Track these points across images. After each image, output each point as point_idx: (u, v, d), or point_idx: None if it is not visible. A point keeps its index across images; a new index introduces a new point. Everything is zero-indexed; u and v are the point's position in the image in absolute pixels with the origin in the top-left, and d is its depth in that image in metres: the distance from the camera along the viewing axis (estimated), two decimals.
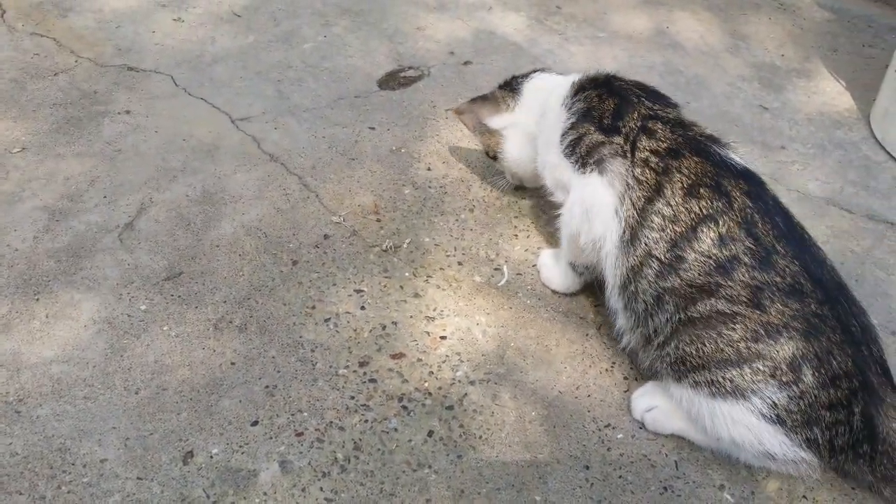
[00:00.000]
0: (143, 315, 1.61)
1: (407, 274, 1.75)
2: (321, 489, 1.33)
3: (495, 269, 1.78)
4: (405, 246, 1.82)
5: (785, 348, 1.30)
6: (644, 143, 1.49)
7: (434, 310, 1.67)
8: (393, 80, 2.41)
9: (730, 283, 1.35)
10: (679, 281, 1.38)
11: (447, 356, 1.57)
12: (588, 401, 1.51)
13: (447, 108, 1.97)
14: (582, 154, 1.55)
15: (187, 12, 2.67)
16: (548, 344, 1.61)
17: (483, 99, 1.88)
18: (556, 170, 1.63)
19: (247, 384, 1.49)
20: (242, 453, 1.38)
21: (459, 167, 2.07)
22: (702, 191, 1.42)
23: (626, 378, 1.56)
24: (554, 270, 1.74)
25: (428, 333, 1.62)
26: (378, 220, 1.89)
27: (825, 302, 1.32)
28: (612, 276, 1.49)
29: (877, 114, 2.32)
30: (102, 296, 1.65)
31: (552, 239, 1.87)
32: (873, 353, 1.33)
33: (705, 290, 1.36)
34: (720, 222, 1.39)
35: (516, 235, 1.88)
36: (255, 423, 1.42)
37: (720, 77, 2.56)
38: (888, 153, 2.23)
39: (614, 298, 1.50)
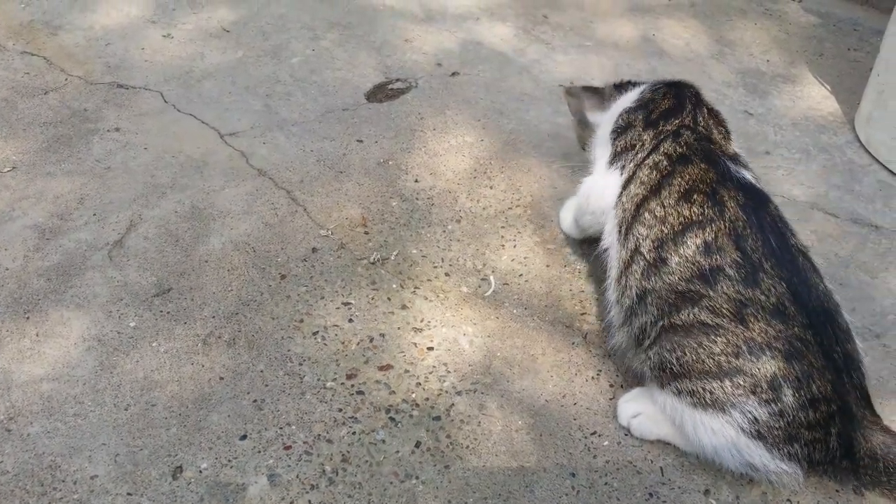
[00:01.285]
0: (132, 332, 1.63)
1: (394, 286, 1.76)
2: (309, 502, 1.34)
3: (482, 280, 1.80)
4: (393, 258, 1.83)
5: (766, 367, 1.30)
6: (666, 146, 1.54)
7: (421, 321, 1.68)
8: (381, 93, 2.43)
9: (713, 293, 1.35)
10: (661, 283, 1.40)
11: (434, 367, 1.59)
12: (574, 409, 1.52)
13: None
14: (619, 148, 1.63)
15: (176, 28, 2.69)
16: (534, 353, 1.63)
17: (594, 90, 1.90)
18: (600, 142, 1.72)
19: (235, 398, 1.50)
20: (231, 467, 1.39)
21: (447, 178, 2.09)
22: (696, 196, 1.44)
23: (611, 385, 1.57)
24: (566, 213, 1.89)
25: (415, 345, 1.63)
26: (366, 233, 1.90)
27: (809, 327, 1.31)
28: (614, 267, 1.54)
29: (861, 117, 2.34)
30: (92, 313, 1.66)
31: (543, 249, 1.88)
32: (853, 380, 1.33)
33: (688, 297, 1.37)
34: (707, 230, 1.39)
35: (503, 246, 1.89)
36: (243, 437, 1.44)
37: (705, 84, 2.58)
38: (872, 156, 2.25)
39: (611, 289, 1.54)
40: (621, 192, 1.58)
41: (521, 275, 1.81)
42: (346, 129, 2.26)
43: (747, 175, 1.50)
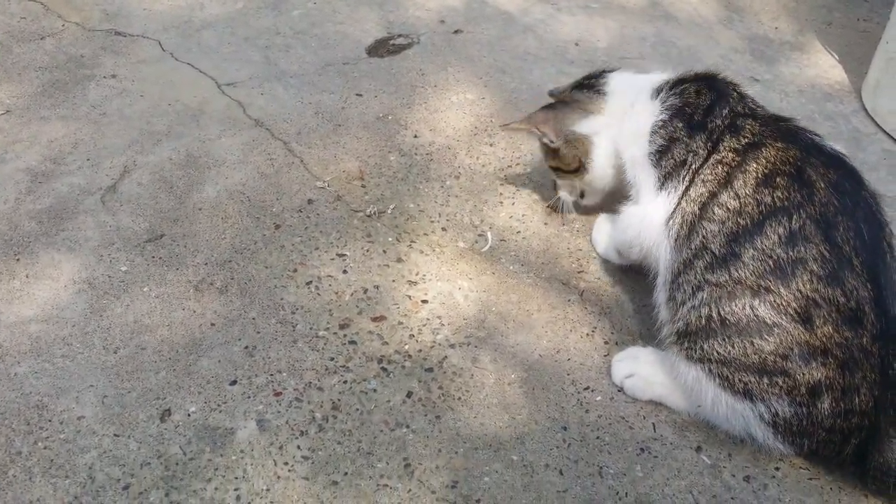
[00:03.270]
0: (123, 276, 1.61)
1: (390, 239, 1.74)
2: (298, 447, 1.33)
3: (479, 236, 1.77)
4: (389, 211, 1.81)
5: (814, 374, 1.22)
6: (726, 142, 1.38)
7: (416, 274, 1.67)
8: (382, 48, 2.39)
9: (783, 290, 1.22)
10: (727, 278, 1.28)
11: (428, 319, 1.57)
12: (568, 364, 1.51)
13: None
14: (667, 171, 1.44)
15: None
16: (529, 309, 1.61)
17: (562, 105, 1.72)
18: (636, 166, 1.52)
19: (226, 345, 1.49)
20: (220, 412, 1.38)
21: (446, 135, 2.06)
22: (778, 180, 1.28)
23: (606, 342, 1.55)
24: (603, 237, 1.72)
25: (409, 297, 1.61)
26: (363, 186, 1.88)
27: (878, 338, 1.21)
28: (666, 271, 1.41)
29: (868, 86, 2.30)
30: (83, 257, 1.64)
31: (541, 207, 1.86)
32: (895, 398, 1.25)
33: (753, 292, 1.25)
34: (794, 217, 1.24)
35: (501, 203, 1.87)
36: (233, 383, 1.42)
37: (712, 49, 2.54)
38: (878, 125, 2.22)
39: (661, 292, 1.42)
40: (676, 207, 1.41)
41: (518, 232, 1.79)
42: (346, 82, 2.22)
43: (837, 147, 1.34)
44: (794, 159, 1.30)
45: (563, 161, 1.72)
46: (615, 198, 1.66)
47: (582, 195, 1.78)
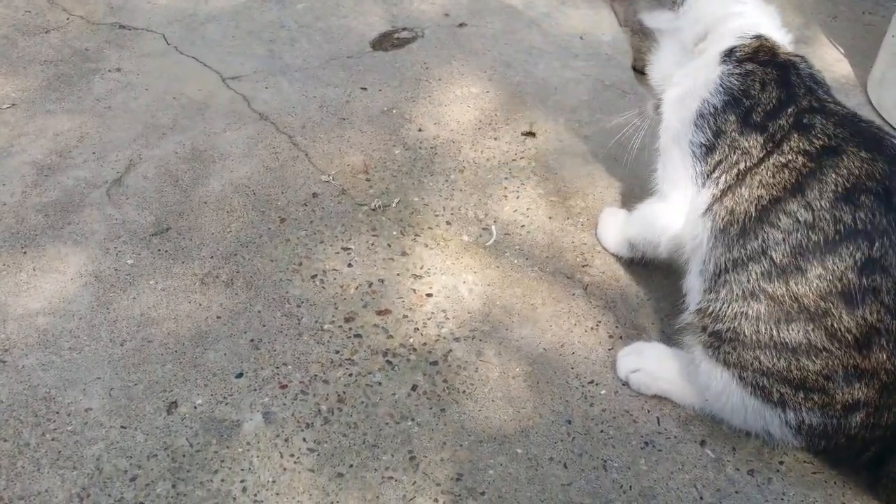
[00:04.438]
0: (129, 269, 1.62)
1: (395, 232, 1.75)
2: (304, 440, 1.34)
3: (483, 229, 1.78)
4: (394, 205, 1.81)
5: (853, 394, 1.19)
6: (793, 142, 1.26)
7: (421, 268, 1.67)
8: (386, 41, 2.39)
9: (846, 317, 1.16)
10: (785, 291, 1.21)
11: (433, 313, 1.58)
12: (572, 358, 1.51)
13: None
14: (712, 167, 1.33)
15: None
16: (534, 302, 1.61)
17: None
18: (672, 146, 1.41)
19: (232, 337, 1.49)
20: (226, 404, 1.38)
21: (451, 128, 2.06)
22: (862, 198, 1.18)
23: (610, 336, 1.56)
24: (611, 232, 1.69)
25: (414, 291, 1.62)
26: (367, 180, 1.88)
27: None
28: (701, 262, 1.34)
29: (873, 80, 2.30)
30: (89, 250, 1.65)
31: (546, 201, 1.86)
32: None
33: (811, 315, 1.19)
34: (876, 244, 1.16)
35: (506, 196, 1.87)
36: (239, 376, 1.43)
37: None
38: (883, 119, 2.22)
39: (697, 280, 1.36)
40: (717, 200, 1.32)
41: (523, 226, 1.79)
42: (350, 76, 2.22)
43: None
44: (882, 175, 1.19)
45: (632, 54, 1.56)
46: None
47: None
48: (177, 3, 2.48)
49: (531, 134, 2.06)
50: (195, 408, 1.38)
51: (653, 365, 1.46)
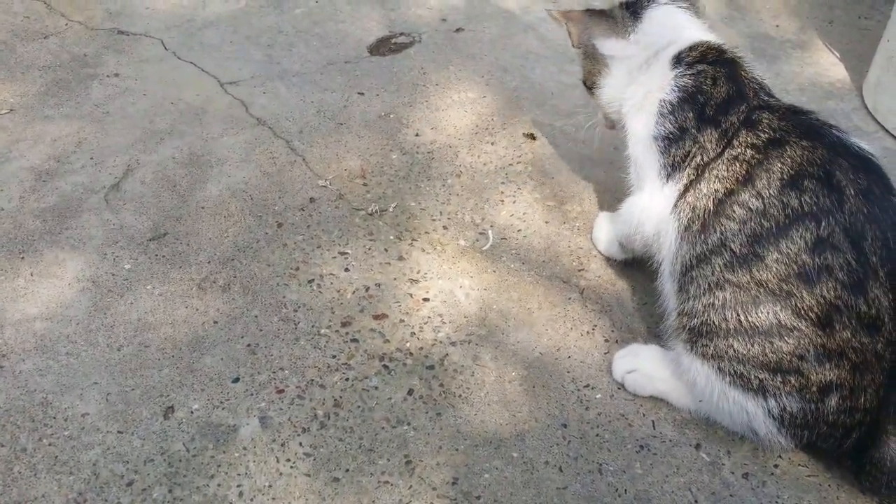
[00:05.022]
0: (127, 274, 1.62)
1: (392, 237, 1.75)
2: (300, 444, 1.34)
3: (480, 234, 1.78)
4: (391, 210, 1.82)
5: (826, 374, 1.23)
6: (742, 137, 1.34)
7: (418, 272, 1.68)
8: (384, 46, 2.40)
9: (807, 295, 1.22)
10: (748, 279, 1.26)
11: (429, 317, 1.58)
12: (568, 362, 1.52)
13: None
14: (675, 161, 1.40)
15: None
16: (530, 307, 1.62)
17: (601, 14, 1.59)
18: (639, 144, 1.49)
19: (229, 342, 1.50)
20: (223, 409, 1.39)
21: (448, 133, 2.07)
22: (806, 183, 1.24)
23: (606, 340, 1.56)
24: (603, 234, 1.72)
25: (411, 295, 1.62)
26: (364, 185, 1.89)
27: (892, 344, 1.22)
28: (670, 262, 1.40)
29: (869, 84, 2.31)
30: (87, 255, 1.65)
31: (542, 206, 1.87)
32: None
33: (775, 295, 1.24)
34: (823, 224, 1.22)
35: (502, 201, 1.88)
36: (236, 380, 1.43)
37: None
38: (879, 124, 2.23)
39: (669, 283, 1.42)
40: (681, 197, 1.39)
41: (519, 230, 1.80)
42: (348, 81, 2.23)
43: (863, 144, 1.30)
44: (822, 160, 1.26)
45: (583, 73, 1.66)
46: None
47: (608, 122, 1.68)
48: (175, 9, 2.49)
49: (531, 136, 2.06)
50: (192, 413, 1.38)
51: (648, 366, 1.46)
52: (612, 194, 1.90)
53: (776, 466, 1.36)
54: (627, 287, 1.68)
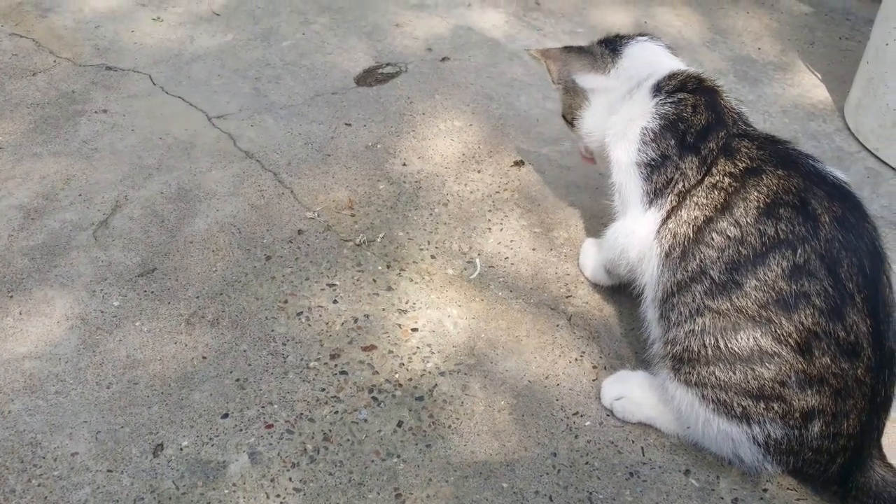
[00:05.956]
0: (115, 311, 1.62)
1: (380, 267, 1.76)
2: (290, 479, 1.34)
3: (468, 262, 1.79)
4: (379, 240, 1.83)
5: (809, 400, 1.24)
6: (721, 165, 1.37)
7: (406, 302, 1.68)
8: (370, 77, 2.43)
9: (785, 322, 1.23)
10: (728, 306, 1.28)
11: (418, 348, 1.59)
12: (557, 390, 1.52)
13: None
14: (656, 188, 1.43)
15: (167, 12, 2.68)
16: (518, 335, 1.63)
17: (580, 51, 1.65)
18: (622, 172, 1.51)
19: (218, 378, 1.50)
20: (212, 445, 1.39)
21: (435, 162, 2.08)
22: (781, 211, 1.27)
23: (594, 367, 1.57)
24: (590, 261, 1.74)
25: (399, 326, 1.63)
26: (352, 215, 1.90)
27: (872, 370, 1.23)
28: (652, 290, 1.43)
29: (850, 105, 2.34)
30: (76, 293, 1.66)
31: (529, 233, 1.88)
32: (880, 421, 1.29)
33: (755, 322, 1.26)
34: (798, 251, 1.24)
35: (490, 229, 1.89)
36: (225, 416, 1.44)
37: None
38: (861, 144, 2.25)
39: (651, 309, 1.44)
40: (663, 224, 1.42)
41: (507, 258, 1.81)
42: (335, 112, 2.25)
43: (837, 173, 1.33)
44: (797, 189, 1.28)
45: (563, 107, 1.72)
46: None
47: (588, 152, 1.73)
48: (163, 44, 2.51)
49: (520, 163, 2.08)
50: (181, 449, 1.38)
51: (637, 392, 1.47)
52: (599, 220, 1.91)
53: (765, 491, 1.36)
54: (615, 313, 1.69)
